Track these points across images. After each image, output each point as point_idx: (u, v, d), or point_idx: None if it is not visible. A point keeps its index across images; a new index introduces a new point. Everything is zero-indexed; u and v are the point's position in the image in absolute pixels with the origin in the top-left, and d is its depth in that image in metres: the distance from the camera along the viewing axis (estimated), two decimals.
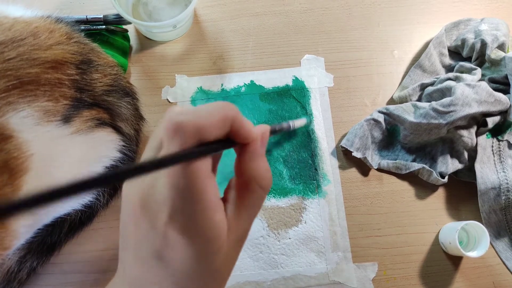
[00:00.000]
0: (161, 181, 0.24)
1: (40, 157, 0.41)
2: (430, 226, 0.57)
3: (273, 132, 0.37)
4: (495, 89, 0.56)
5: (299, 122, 0.57)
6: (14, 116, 0.39)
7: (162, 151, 0.24)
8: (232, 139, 0.25)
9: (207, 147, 0.23)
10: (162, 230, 0.24)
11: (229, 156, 0.60)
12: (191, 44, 0.65)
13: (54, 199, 0.16)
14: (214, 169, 0.29)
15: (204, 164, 0.23)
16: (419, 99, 0.61)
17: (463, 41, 0.61)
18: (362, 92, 0.63)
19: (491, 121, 0.56)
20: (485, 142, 0.57)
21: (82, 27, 0.61)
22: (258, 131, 0.26)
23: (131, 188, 0.26)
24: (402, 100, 0.61)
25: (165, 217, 0.24)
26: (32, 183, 0.40)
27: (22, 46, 0.40)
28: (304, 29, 0.66)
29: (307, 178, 0.59)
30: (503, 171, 0.56)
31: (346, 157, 0.60)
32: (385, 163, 0.59)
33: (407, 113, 0.58)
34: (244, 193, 0.26)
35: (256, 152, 0.26)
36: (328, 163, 0.60)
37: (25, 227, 0.44)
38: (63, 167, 0.45)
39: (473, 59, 0.60)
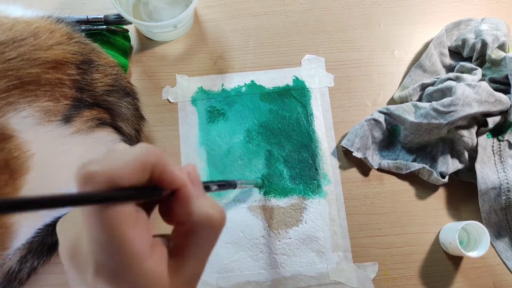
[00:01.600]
0: (84, 234, 0.23)
1: (41, 157, 0.41)
2: (430, 226, 0.57)
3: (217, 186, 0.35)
4: (496, 89, 0.56)
5: (248, 184, 0.55)
6: (15, 116, 0.39)
7: None
8: (157, 186, 0.24)
9: (119, 192, 0.21)
10: (91, 283, 0.23)
11: (229, 157, 0.60)
12: (192, 44, 0.65)
13: None
14: (150, 212, 0.27)
15: (124, 213, 0.22)
16: (420, 99, 0.61)
17: (464, 41, 0.61)
18: (362, 92, 0.63)
19: (492, 121, 0.56)
20: (485, 142, 0.57)
21: (83, 27, 0.61)
22: (184, 175, 0.25)
23: (62, 236, 0.25)
24: (403, 100, 0.61)
25: (91, 271, 0.22)
26: (32, 182, 0.40)
27: (23, 46, 0.40)
28: (304, 29, 0.66)
29: (308, 178, 0.59)
30: (504, 171, 0.56)
31: (346, 157, 0.60)
32: (386, 163, 0.59)
33: (408, 113, 0.58)
34: (188, 237, 0.25)
35: (188, 196, 0.25)
36: (329, 163, 0.60)
37: (25, 227, 0.44)
38: (63, 167, 0.45)
39: (473, 59, 0.60)
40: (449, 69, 0.63)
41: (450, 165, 0.56)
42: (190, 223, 0.25)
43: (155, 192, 0.24)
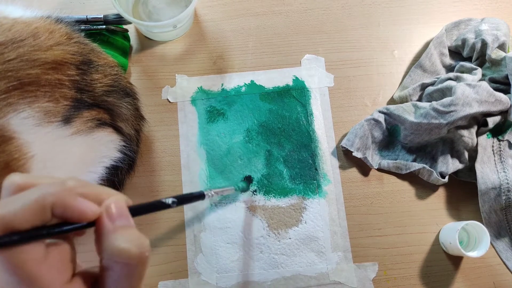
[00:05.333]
0: None
1: (41, 158, 0.41)
2: (430, 226, 0.57)
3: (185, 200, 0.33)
4: (496, 89, 0.56)
5: (223, 191, 0.54)
6: (15, 117, 0.39)
7: None
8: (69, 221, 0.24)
9: (11, 236, 0.21)
10: None
11: (229, 157, 0.60)
12: (191, 44, 0.65)
13: None
14: (79, 234, 0.26)
15: (29, 253, 0.22)
16: (420, 99, 0.61)
17: (464, 41, 0.61)
18: (362, 92, 0.63)
19: (492, 121, 0.56)
20: (485, 142, 0.57)
21: (82, 27, 0.61)
22: (96, 208, 0.24)
23: None
24: (403, 100, 0.61)
25: None
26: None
27: (22, 47, 0.40)
28: (304, 29, 0.66)
29: (308, 178, 0.59)
30: (504, 171, 0.56)
31: (346, 157, 0.60)
32: (386, 163, 0.59)
33: (408, 113, 0.58)
34: (104, 272, 0.24)
35: (101, 230, 0.24)
36: (329, 163, 0.60)
37: None
38: (64, 168, 0.45)
39: (473, 59, 0.60)
40: (449, 69, 0.63)
41: (450, 165, 0.56)
42: (103, 258, 0.24)
43: (55, 230, 0.23)
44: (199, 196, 0.41)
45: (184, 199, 0.36)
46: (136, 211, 0.27)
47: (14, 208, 0.22)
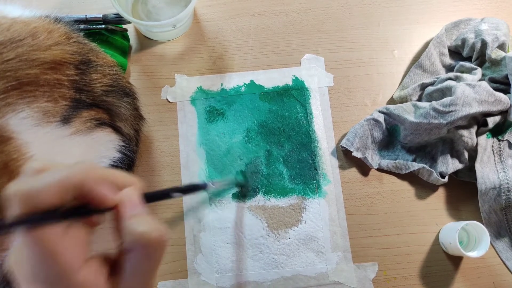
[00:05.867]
0: (23, 255, 0.24)
1: (40, 158, 0.40)
2: (430, 226, 0.57)
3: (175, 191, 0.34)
4: (496, 89, 0.56)
5: (223, 182, 0.56)
6: (14, 117, 0.38)
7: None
8: (89, 205, 0.25)
9: (32, 217, 0.23)
10: None
11: (229, 156, 0.60)
12: (191, 43, 0.65)
13: None
14: (94, 224, 0.28)
15: (51, 230, 0.23)
16: (419, 99, 0.61)
17: (464, 41, 0.61)
18: (362, 92, 0.63)
19: (492, 121, 0.56)
20: (485, 142, 0.57)
21: (82, 27, 0.60)
22: (116, 195, 0.26)
23: (13, 264, 0.26)
24: (402, 100, 0.61)
25: (31, 282, 0.24)
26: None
27: (21, 46, 0.40)
28: (304, 29, 0.66)
29: (307, 178, 0.59)
30: (504, 171, 0.56)
31: (346, 157, 0.60)
32: (385, 163, 0.58)
33: (407, 113, 0.58)
34: (124, 256, 0.25)
35: (121, 216, 0.25)
36: (328, 163, 0.59)
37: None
38: None
39: (473, 58, 0.60)
40: (449, 68, 0.63)
41: (450, 165, 0.56)
42: (124, 242, 0.25)
43: (77, 213, 0.25)
44: (202, 186, 0.44)
45: (190, 189, 0.39)
46: (149, 198, 0.29)
47: (38, 185, 0.23)
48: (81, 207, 0.25)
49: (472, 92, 0.54)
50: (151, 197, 0.30)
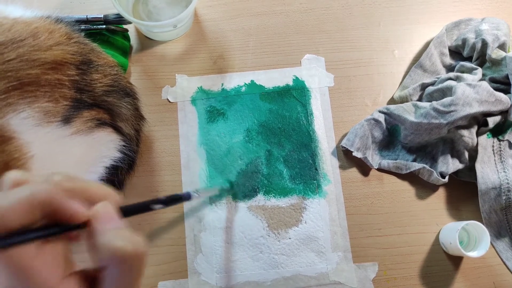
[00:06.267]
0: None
1: (41, 158, 0.41)
2: (430, 226, 0.57)
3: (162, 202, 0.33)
4: (496, 89, 0.56)
5: (209, 191, 0.55)
6: (15, 117, 0.39)
7: None
8: (61, 222, 0.24)
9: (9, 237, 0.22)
10: None
11: (229, 157, 0.60)
12: (192, 43, 0.65)
13: None
14: (74, 239, 0.26)
15: (22, 251, 0.22)
16: (420, 99, 0.61)
17: (464, 41, 0.61)
18: (362, 92, 0.63)
19: (492, 121, 0.56)
20: (485, 142, 0.57)
21: (83, 27, 0.61)
22: (86, 210, 0.24)
23: None
24: (403, 100, 0.61)
25: None
26: None
27: (22, 47, 0.40)
28: (304, 29, 0.66)
29: (308, 178, 0.59)
30: (504, 171, 0.56)
31: (346, 157, 0.60)
32: (386, 163, 0.58)
33: (408, 113, 0.58)
34: (101, 273, 0.24)
35: (94, 232, 0.24)
36: (329, 163, 0.60)
37: None
38: (63, 168, 0.45)
39: (473, 58, 0.60)
40: (449, 68, 0.63)
41: (450, 165, 0.56)
42: (100, 259, 0.24)
43: (49, 232, 0.23)
44: (187, 197, 0.42)
45: (172, 200, 0.36)
46: (126, 212, 0.27)
47: (2, 205, 0.22)
48: (51, 225, 0.23)
49: (473, 92, 0.54)
50: (129, 211, 0.28)
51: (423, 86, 0.61)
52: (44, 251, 0.23)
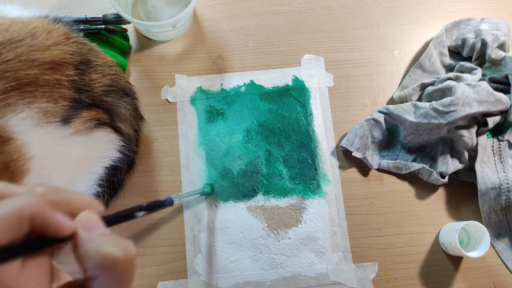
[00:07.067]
0: None
1: (40, 159, 0.40)
2: (430, 226, 0.57)
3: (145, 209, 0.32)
4: (496, 89, 0.56)
5: (190, 195, 0.55)
6: (14, 117, 0.38)
7: None
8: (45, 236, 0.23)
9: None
10: None
11: (229, 157, 0.60)
12: (191, 43, 0.65)
13: None
14: (55, 251, 0.26)
15: (5, 269, 0.21)
16: (419, 99, 0.61)
17: (464, 41, 0.61)
18: (362, 92, 0.63)
19: (492, 121, 0.56)
20: (485, 142, 0.57)
21: (81, 27, 0.60)
22: (70, 221, 0.24)
23: None
24: (402, 100, 0.61)
25: None
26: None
27: (20, 47, 0.40)
28: (304, 29, 0.66)
29: (307, 178, 0.59)
30: (504, 171, 0.55)
31: (346, 157, 0.60)
32: (385, 163, 0.58)
33: (407, 113, 0.58)
34: (92, 282, 0.23)
35: (79, 242, 0.23)
36: (328, 163, 0.59)
37: None
38: (63, 168, 0.44)
39: (473, 58, 0.60)
40: (449, 68, 0.63)
41: (450, 165, 0.56)
42: (88, 269, 0.23)
43: (34, 246, 0.23)
44: (169, 202, 0.41)
45: (154, 207, 0.36)
46: (109, 221, 0.26)
47: None
48: (37, 240, 0.23)
49: (472, 92, 0.54)
50: (112, 220, 0.28)
51: (423, 86, 0.61)
52: (30, 267, 0.22)
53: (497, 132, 0.58)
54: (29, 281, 0.22)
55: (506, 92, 0.57)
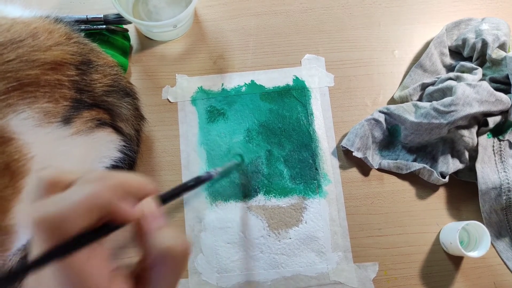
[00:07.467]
0: (47, 281, 0.24)
1: (41, 159, 0.41)
2: (431, 226, 0.57)
3: (180, 191, 0.34)
4: (496, 89, 0.56)
5: (227, 166, 0.55)
6: (15, 118, 0.38)
7: (34, 248, 0.23)
8: (112, 223, 0.24)
9: (72, 243, 0.22)
10: None
11: (229, 156, 0.60)
12: (192, 43, 0.65)
13: None
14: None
15: (77, 255, 0.22)
16: (420, 99, 0.61)
17: (464, 41, 0.61)
18: (362, 91, 0.63)
19: (492, 121, 0.56)
20: (486, 142, 0.57)
21: (82, 27, 0.61)
22: (136, 211, 0.25)
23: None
24: (403, 100, 0.61)
25: None
26: (33, 185, 0.40)
27: (21, 47, 0.40)
28: (304, 29, 0.66)
29: (308, 178, 0.59)
30: (504, 171, 0.55)
31: (346, 157, 0.60)
32: (386, 163, 0.58)
33: (408, 113, 0.58)
34: (150, 270, 0.25)
35: (146, 231, 0.25)
36: (329, 163, 0.59)
37: (26, 227, 0.44)
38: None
39: (474, 58, 0.60)
40: (450, 68, 0.63)
41: (451, 165, 0.56)
42: (150, 257, 0.25)
43: (101, 233, 0.24)
44: (209, 176, 0.43)
45: (198, 182, 0.38)
46: (163, 200, 0.30)
47: (63, 210, 0.22)
48: (104, 226, 0.24)
49: (473, 92, 0.54)
50: (165, 199, 0.30)
51: (423, 86, 0.61)
52: (95, 254, 0.23)
53: (498, 132, 0.58)
54: (95, 267, 0.23)
55: (506, 92, 0.57)
